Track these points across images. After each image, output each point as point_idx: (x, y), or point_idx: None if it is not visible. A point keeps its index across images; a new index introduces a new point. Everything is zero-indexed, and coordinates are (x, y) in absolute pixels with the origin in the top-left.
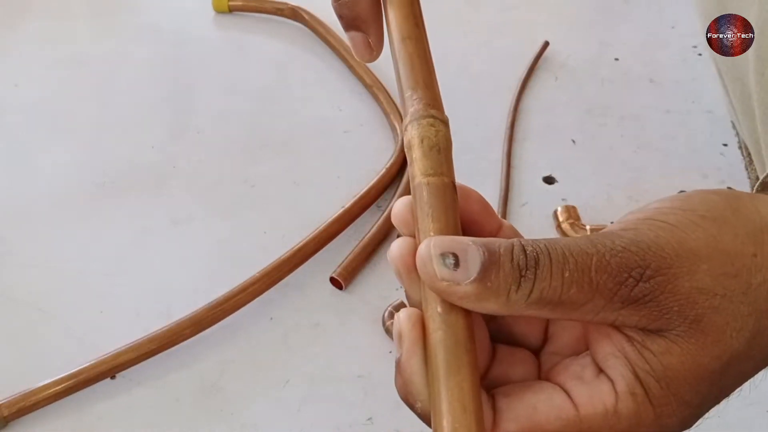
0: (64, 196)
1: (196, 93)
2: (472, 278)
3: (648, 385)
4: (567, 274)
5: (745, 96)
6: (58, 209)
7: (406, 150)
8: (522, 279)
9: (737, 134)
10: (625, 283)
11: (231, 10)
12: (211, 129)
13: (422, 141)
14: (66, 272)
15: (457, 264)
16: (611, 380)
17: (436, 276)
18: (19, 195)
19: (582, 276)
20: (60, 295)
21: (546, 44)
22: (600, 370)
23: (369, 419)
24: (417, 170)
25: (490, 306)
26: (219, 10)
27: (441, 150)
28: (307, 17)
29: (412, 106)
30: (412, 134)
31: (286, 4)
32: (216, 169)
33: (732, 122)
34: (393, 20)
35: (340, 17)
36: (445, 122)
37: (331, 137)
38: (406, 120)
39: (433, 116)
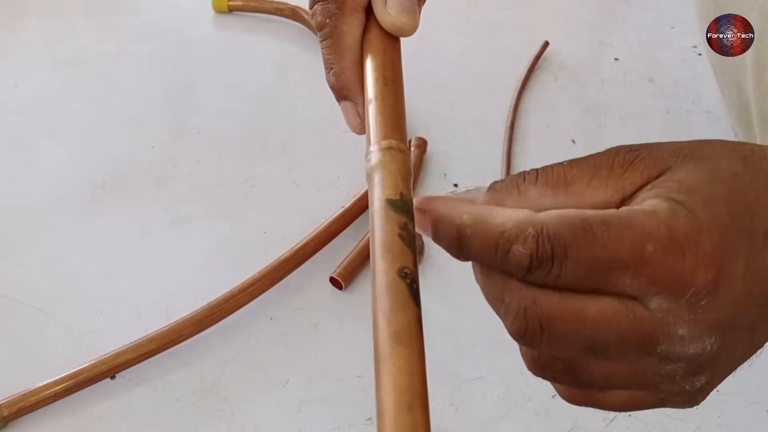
0: (64, 196)
1: (196, 93)
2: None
3: (673, 196)
4: (566, 163)
5: (742, 102)
6: (58, 209)
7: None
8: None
9: (736, 137)
10: (618, 154)
11: (231, 10)
12: (211, 129)
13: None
14: (66, 272)
15: None
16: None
17: None
18: (19, 195)
19: (580, 160)
20: (60, 295)
21: (546, 44)
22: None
23: (369, 419)
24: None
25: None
26: (219, 10)
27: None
28: (307, 17)
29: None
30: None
31: (286, 4)
32: (216, 169)
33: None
34: (367, 82)
35: (332, 89)
36: (404, 151)
37: (331, 137)
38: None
39: (392, 147)
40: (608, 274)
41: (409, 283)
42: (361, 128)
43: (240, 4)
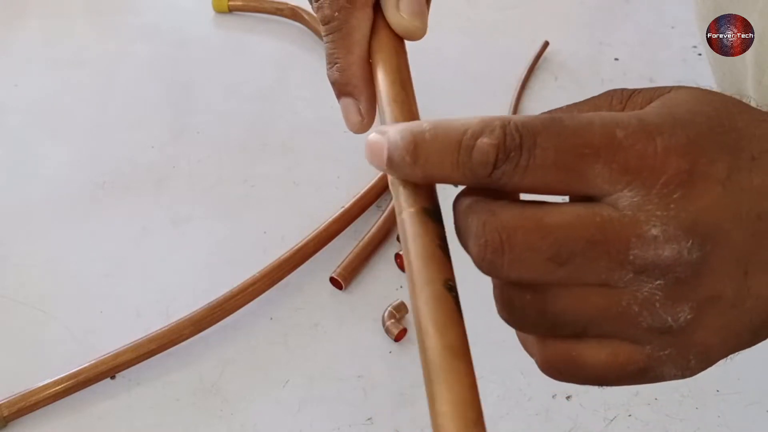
0: (64, 196)
1: (196, 93)
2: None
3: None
4: (566, 106)
5: None
6: (58, 209)
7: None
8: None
9: None
10: (616, 93)
11: (231, 10)
12: (211, 129)
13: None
14: (66, 272)
15: None
16: None
17: None
18: (19, 195)
19: (580, 102)
20: (60, 295)
21: (546, 44)
22: None
23: (369, 419)
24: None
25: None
26: (219, 10)
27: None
28: (307, 17)
29: None
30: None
31: (286, 4)
32: (216, 169)
33: None
34: (381, 84)
35: (333, 84)
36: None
37: (331, 137)
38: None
39: None
40: (579, 161)
41: (455, 297)
42: (361, 127)
43: (240, 4)
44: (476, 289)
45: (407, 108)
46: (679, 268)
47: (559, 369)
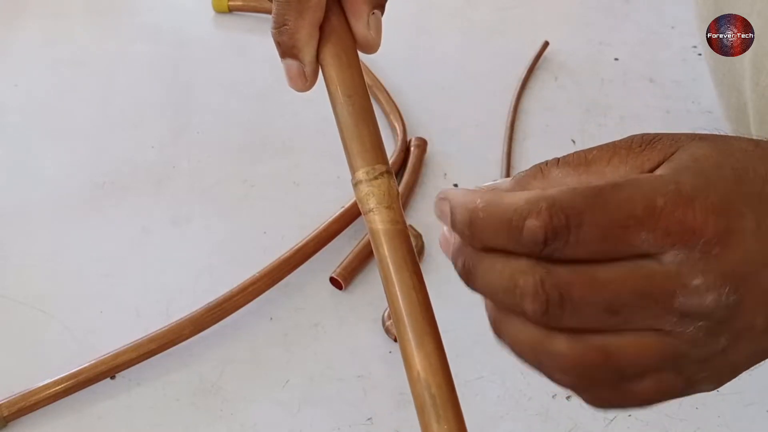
0: (64, 196)
1: (196, 93)
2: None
3: (682, 164)
4: (586, 149)
5: (740, 103)
6: (58, 209)
7: (359, 204)
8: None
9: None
10: (637, 137)
11: (231, 10)
12: (211, 129)
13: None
14: (66, 272)
15: None
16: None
17: None
18: (19, 195)
19: (601, 145)
20: (60, 296)
21: (546, 44)
22: None
23: (369, 419)
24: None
25: None
26: (219, 10)
27: (393, 201)
28: None
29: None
30: (365, 192)
31: None
32: (216, 169)
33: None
34: (333, 73)
35: (278, 44)
36: (390, 173)
37: (331, 137)
38: (355, 179)
39: (381, 173)
40: (624, 233)
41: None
42: (303, 88)
43: (240, 4)
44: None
45: (366, 125)
46: (719, 311)
47: (610, 404)
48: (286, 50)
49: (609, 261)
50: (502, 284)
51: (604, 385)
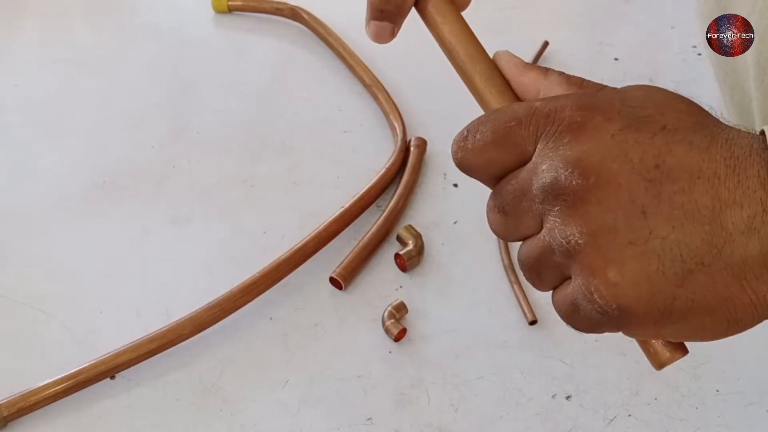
0: (64, 196)
1: (196, 93)
2: None
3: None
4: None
5: (745, 102)
6: (58, 209)
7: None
8: None
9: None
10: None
11: (230, 10)
12: (211, 129)
13: None
14: (66, 272)
15: None
16: None
17: None
18: (19, 195)
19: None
20: (60, 296)
21: (546, 44)
22: None
23: (369, 419)
24: None
25: None
26: (218, 10)
27: None
28: (306, 17)
29: None
30: None
31: (285, 4)
32: (216, 169)
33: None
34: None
35: (381, 11)
36: None
37: (331, 137)
38: None
39: None
40: (509, 132)
41: None
42: (387, 42)
43: (240, 4)
44: (477, 288)
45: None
46: (565, 193)
47: (560, 310)
48: (388, 16)
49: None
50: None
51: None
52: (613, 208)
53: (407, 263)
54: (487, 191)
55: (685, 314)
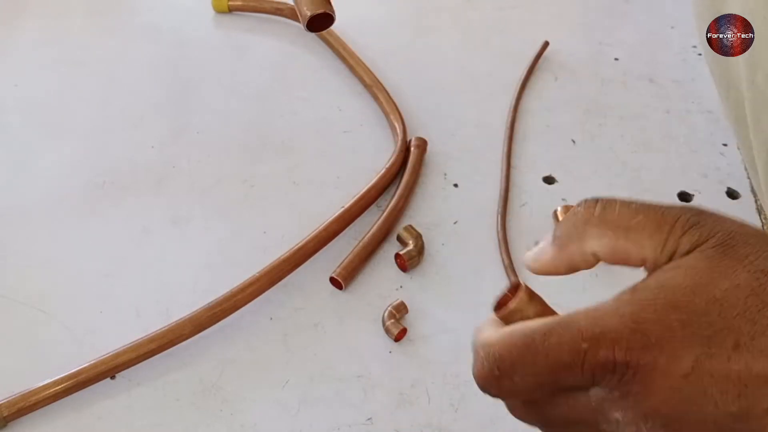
0: (63, 196)
1: (196, 93)
2: None
3: (646, 289)
4: (634, 206)
5: (739, 102)
6: (58, 209)
7: None
8: None
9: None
10: (683, 215)
11: (231, 10)
12: (211, 129)
13: None
14: (66, 272)
15: None
16: None
17: None
18: (19, 195)
19: (648, 208)
20: (60, 296)
21: (546, 44)
22: None
23: (369, 419)
24: None
25: None
26: (219, 10)
27: None
28: None
29: None
30: None
31: (285, 4)
32: (216, 169)
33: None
34: None
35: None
36: None
37: (331, 137)
38: None
39: None
40: (553, 378)
41: None
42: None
43: (240, 4)
44: (477, 289)
45: None
46: None
47: None
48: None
49: (558, 396)
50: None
51: None
52: None
53: (407, 263)
54: (487, 193)
55: None
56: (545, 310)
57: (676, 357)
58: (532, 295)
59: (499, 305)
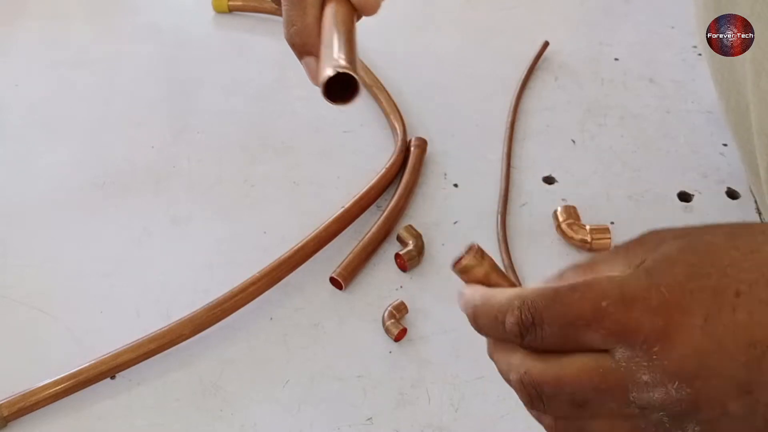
0: (63, 196)
1: (196, 93)
2: None
3: (645, 264)
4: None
5: (742, 106)
6: (58, 209)
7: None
8: None
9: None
10: (638, 236)
11: (231, 10)
12: (211, 129)
13: None
14: (66, 272)
15: None
16: None
17: None
18: (19, 195)
19: (610, 250)
20: (60, 295)
21: (546, 44)
22: None
23: (369, 419)
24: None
25: None
26: (219, 10)
27: None
28: None
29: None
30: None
31: None
32: (216, 169)
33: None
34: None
35: (293, 46)
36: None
37: (331, 137)
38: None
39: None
40: (576, 331)
41: None
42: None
43: (240, 4)
44: None
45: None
46: (675, 404)
47: None
48: (302, 50)
49: (574, 352)
50: (505, 375)
51: None
52: (723, 399)
53: (407, 263)
54: (487, 193)
55: None
56: (497, 271)
57: (690, 312)
58: (484, 255)
59: (455, 263)
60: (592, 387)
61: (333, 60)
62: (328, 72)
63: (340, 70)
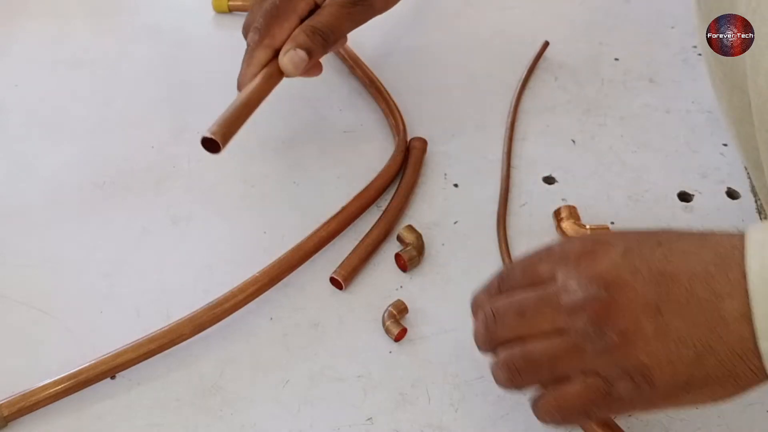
0: (63, 196)
1: (196, 93)
2: None
3: None
4: None
5: (744, 104)
6: (58, 209)
7: None
8: None
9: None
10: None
11: (231, 10)
12: None
13: None
14: (66, 272)
15: None
16: None
17: None
18: (19, 195)
19: None
20: (60, 295)
21: (546, 44)
22: None
23: (369, 419)
24: None
25: None
26: (219, 10)
27: None
28: None
29: None
30: None
31: None
32: (216, 169)
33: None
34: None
35: (238, 83)
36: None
37: (331, 137)
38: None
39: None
40: (533, 266)
41: None
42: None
43: (240, 4)
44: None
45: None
46: (595, 304)
47: (552, 409)
48: (239, 86)
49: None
50: (477, 325)
51: (540, 387)
52: (635, 310)
53: (407, 263)
54: (487, 193)
55: (701, 387)
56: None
57: (614, 245)
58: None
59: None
60: (534, 298)
61: (212, 125)
62: (204, 133)
63: (206, 135)
